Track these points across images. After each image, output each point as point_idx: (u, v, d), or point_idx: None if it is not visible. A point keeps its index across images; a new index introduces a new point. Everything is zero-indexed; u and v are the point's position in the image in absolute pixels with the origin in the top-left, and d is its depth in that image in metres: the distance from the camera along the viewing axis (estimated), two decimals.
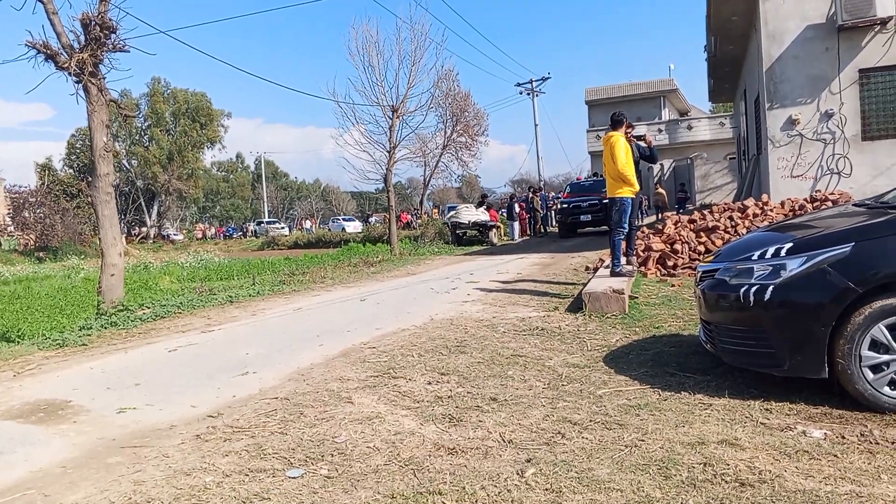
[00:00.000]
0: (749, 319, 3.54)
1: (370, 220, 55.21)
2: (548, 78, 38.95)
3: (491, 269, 11.55)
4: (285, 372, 4.86)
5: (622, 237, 7.47)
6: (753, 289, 3.50)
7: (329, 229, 47.22)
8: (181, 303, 8.95)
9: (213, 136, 57.49)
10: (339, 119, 39.58)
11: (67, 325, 8.01)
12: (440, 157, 33.82)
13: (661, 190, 25.66)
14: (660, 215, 22.87)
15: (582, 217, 19.07)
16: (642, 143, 7.98)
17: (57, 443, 3.60)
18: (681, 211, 21.62)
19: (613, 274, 7.32)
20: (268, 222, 55.21)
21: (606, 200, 17.46)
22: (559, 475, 2.77)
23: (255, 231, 53.13)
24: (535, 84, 39.32)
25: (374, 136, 19.56)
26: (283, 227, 53.63)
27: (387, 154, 18.61)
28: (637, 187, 7.31)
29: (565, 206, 19.74)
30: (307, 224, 61.30)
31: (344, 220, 51.35)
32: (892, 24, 11.05)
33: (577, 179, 24.50)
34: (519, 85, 39.49)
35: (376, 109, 19.90)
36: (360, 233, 35.84)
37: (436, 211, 47.11)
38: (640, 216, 24.83)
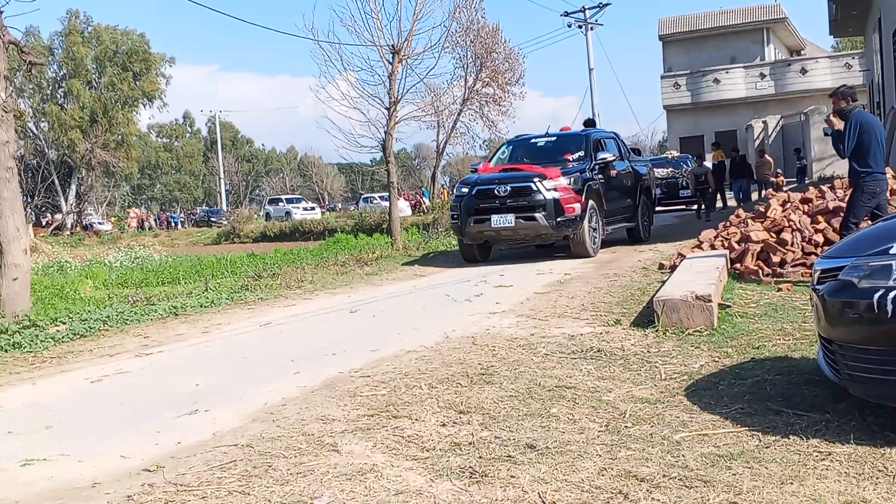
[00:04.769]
0: (886, 336, 3.50)
1: (362, 201, 52.92)
2: (607, 4, 38.77)
3: (529, 269, 11.53)
4: (248, 410, 4.88)
5: None
6: (892, 294, 3.46)
7: (360, 214, 43.63)
8: (108, 316, 9.04)
9: (151, 89, 57.89)
10: (320, 65, 39.65)
11: None
12: (459, 114, 33.82)
13: (766, 157, 25.24)
14: (762, 192, 22.66)
15: (495, 218, 12.28)
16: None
17: None
18: (798, 185, 21.29)
19: None
20: (288, 200, 53.41)
21: (556, 183, 12.08)
22: None
23: (269, 214, 50.84)
24: (589, 13, 39.16)
25: (368, 87, 19.63)
26: (312, 209, 51.42)
27: (385, 112, 18.66)
28: None
29: (464, 191, 12.99)
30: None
31: (382, 198, 45.93)
32: None
33: (563, 130, 15.23)
34: (567, 14, 39.41)
35: (371, 51, 19.96)
36: (407, 216, 34.08)
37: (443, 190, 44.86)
38: (730, 194, 24.49)
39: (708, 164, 23.14)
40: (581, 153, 13.11)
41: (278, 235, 37.71)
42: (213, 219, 57.51)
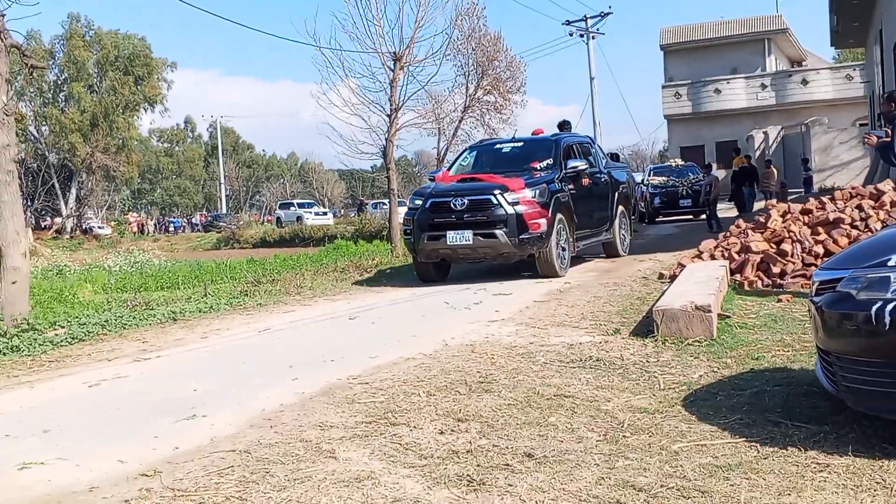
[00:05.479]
0: (884, 348, 3.50)
1: (372, 207, 51.87)
2: (608, 14, 38.91)
3: (529, 277, 11.53)
4: (246, 415, 4.88)
5: None
6: (890, 306, 3.47)
7: (360, 220, 42.19)
8: (107, 321, 9.04)
9: (153, 93, 58.04)
10: (321, 71, 39.68)
11: None
12: (460, 122, 33.83)
13: (772, 169, 25.00)
14: (765, 203, 22.59)
15: (451, 235, 11.09)
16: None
17: None
18: (803, 194, 21.23)
19: None
20: (300, 205, 53.01)
21: (520, 196, 10.75)
22: None
23: (280, 218, 50.18)
24: (590, 22, 39.28)
25: (369, 94, 19.66)
26: (324, 214, 50.42)
27: (386, 119, 18.67)
28: None
29: (418, 204, 11.77)
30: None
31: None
32: None
33: (535, 133, 13.74)
34: (569, 23, 39.49)
35: (373, 58, 19.99)
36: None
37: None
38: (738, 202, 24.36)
39: (715, 172, 23.04)
40: (550, 161, 11.94)
41: (278, 241, 37.73)
42: (221, 223, 57.63)
